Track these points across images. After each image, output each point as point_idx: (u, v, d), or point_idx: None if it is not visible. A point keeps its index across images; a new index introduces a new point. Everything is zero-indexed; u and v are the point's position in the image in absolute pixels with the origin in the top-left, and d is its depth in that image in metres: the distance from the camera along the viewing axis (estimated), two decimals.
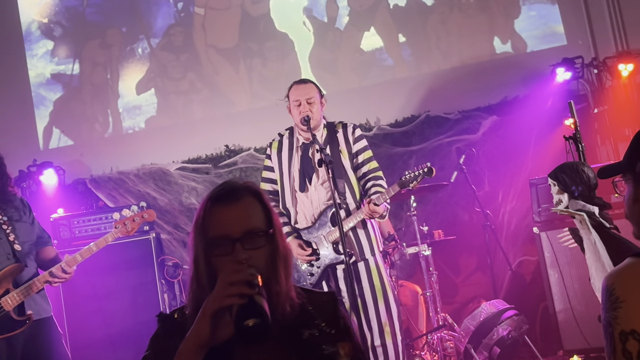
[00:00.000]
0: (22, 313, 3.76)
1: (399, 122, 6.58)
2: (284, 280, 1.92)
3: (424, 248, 5.40)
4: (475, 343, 4.97)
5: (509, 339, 4.93)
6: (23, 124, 7.11)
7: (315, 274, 4.18)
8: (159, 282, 5.64)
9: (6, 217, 3.90)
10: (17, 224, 3.92)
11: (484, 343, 4.96)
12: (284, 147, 4.35)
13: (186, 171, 6.72)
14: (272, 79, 6.84)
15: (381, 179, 4.22)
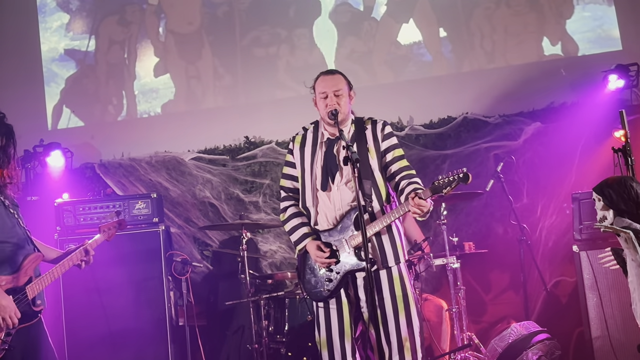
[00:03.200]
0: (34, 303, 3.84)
1: (434, 123, 6.56)
2: None
3: (453, 260, 5.39)
4: None
5: None
6: (32, 100, 7.19)
7: (334, 279, 4.18)
8: (166, 278, 5.68)
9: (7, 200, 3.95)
10: (17, 209, 4.00)
11: None
12: (307, 142, 4.35)
13: (202, 162, 6.75)
14: (300, 69, 6.85)
15: (416, 177, 4.19)
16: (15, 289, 3.74)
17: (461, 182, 3.97)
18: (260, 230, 6.43)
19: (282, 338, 5.55)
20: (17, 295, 3.74)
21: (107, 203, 5.87)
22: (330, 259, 4.17)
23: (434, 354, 5.40)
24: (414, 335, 4.17)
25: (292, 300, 5.61)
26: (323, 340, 4.24)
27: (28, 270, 3.81)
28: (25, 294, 3.78)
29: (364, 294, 4.16)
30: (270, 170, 6.62)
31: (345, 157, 3.89)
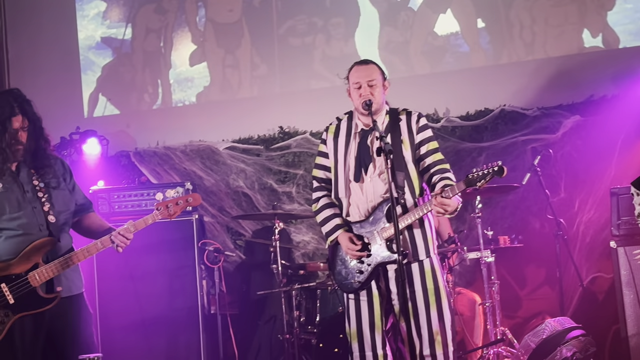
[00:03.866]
0: (51, 290, 3.84)
1: (471, 115, 6.52)
2: None
3: (487, 254, 5.36)
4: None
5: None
6: (68, 88, 7.29)
7: (365, 272, 4.19)
8: (198, 267, 5.75)
9: (43, 183, 3.96)
10: (55, 191, 3.97)
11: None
12: (341, 133, 4.36)
13: (236, 151, 6.80)
14: (335, 59, 6.85)
15: (449, 172, 4.18)
16: (10, 277, 3.76)
17: (496, 175, 3.95)
18: (293, 220, 6.46)
19: (313, 329, 5.58)
20: (13, 283, 3.75)
21: (141, 191, 5.94)
22: (362, 252, 4.18)
23: (466, 348, 5.40)
24: (445, 329, 4.17)
25: (323, 291, 5.64)
26: (353, 332, 4.26)
27: (32, 257, 3.80)
28: (26, 281, 3.77)
29: (395, 287, 4.16)
30: (304, 161, 6.64)
31: (379, 148, 3.90)
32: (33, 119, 3.87)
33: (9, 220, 3.80)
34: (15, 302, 3.74)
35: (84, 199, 4.22)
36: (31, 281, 3.77)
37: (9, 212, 3.80)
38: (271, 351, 6.15)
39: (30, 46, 7.44)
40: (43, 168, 3.95)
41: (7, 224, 3.80)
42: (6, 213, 3.80)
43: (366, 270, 4.20)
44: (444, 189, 3.97)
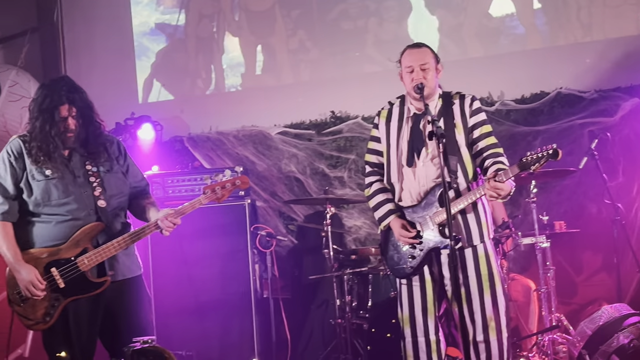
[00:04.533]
0: (103, 273, 3.91)
1: (526, 98, 6.43)
2: None
3: (542, 240, 5.30)
4: (592, 349, 4.86)
5: (630, 348, 4.78)
6: (123, 74, 7.40)
7: (417, 257, 4.18)
8: (251, 251, 5.80)
9: (96, 168, 4.02)
10: (107, 175, 4.01)
11: (601, 350, 4.84)
12: (393, 117, 4.34)
13: (288, 136, 6.82)
14: (388, 42, 6.81)
15: (502, 156, 4.14)
16: (60, 261, 3.83)
17: (551, 159, 3.89)
18: (344, 205, 6.47)
19: (365, 314, 5.60)
20: (64, 267, 3.83)
21: (195, 176, 6.01)
22: (414, 238, 4.17)
23: (520, 335, 5.35)
24: (499, 315, 4.14)
25: (375, 276, 5.65)
26: (405, 317, 4.26)
27: (81, 242, 3.87)
28: (76, 266, 3.84)
29: (448, 272, 4.15)
30: (355, 146, 6.63)
31: (431, 132, 3.87)
32: (81, 107, 3.93)
33: (58, 206, 3.88)
34: (66, 287, 3.83)
35: (139, 181, 4.23)
36: (80, 265, 3.85)
37: (57, 198, 3.88)
38: (323, 336, 6.18)
39: (85, 33, 7.56)
40: (95, 153, 4.01)
41: (57, 210, 3.88)
42: (55, 199, 3.88)
43: (418, 255, 4.19)
44: (497, 172, 3.93)
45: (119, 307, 3.96)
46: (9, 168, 3.87)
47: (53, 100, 3.87)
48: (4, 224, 3.83)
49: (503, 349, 4.12)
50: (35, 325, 3.81)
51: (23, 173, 3.86)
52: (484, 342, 4.10)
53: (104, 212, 3.95)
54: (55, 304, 3.80)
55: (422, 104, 4.11)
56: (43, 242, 3.85)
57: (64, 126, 3.88)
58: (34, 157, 3.87)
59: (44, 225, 3.87)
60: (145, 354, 2.96)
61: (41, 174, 3.87)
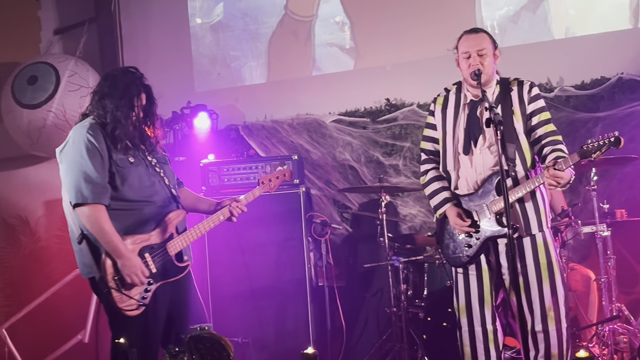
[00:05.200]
0: (180, 259, 4.03)
1: (586, 83, 6.29)
2: None
3: (602, 228, 5.20)
4: None
5: None
6: (179, 63, 7.45)
7: (474, 245, 4.14)
8: (306, 239, 5.81)
9: (155, 159, 4.13)
10: (165, 166, 4.17)
11: None
12: (449, 104, 4.30)
13: (342, 124, 6.80)
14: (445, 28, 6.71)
15: (560, 144, 4.07)
16: (153, 247, 3.92)
17: (612, 147, 3.82)
18: (399, 193, 6.43)
19: (420, 302, 5.58)
20: (156, 252, 3.92)
21: (250, 164, 6.05)
22: (470, 227, 4.13)
23: (579, 325, 5.27)
24: (558, 304, 4.09)
25: (431, 264, 5.62)
26: (462, 307, 4.23)
27: (169, 227, 3.98)
28: (166, 251, 3.95)
29: (506, 261, 4.10)
30: (410, 133, 6.58)
31: (488, 119, 3.82)
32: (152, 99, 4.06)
33: (145, 192, 3.97)
34: (157, 271, 3.92)
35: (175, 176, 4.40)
36: (169, 250, 3.97)
37: (144, 185, 3.97)
38: (378, 324, 6.18)
39: (142, 22, 7.64)
40: (152, 145, 4.11)
41: (144, 196, 3.96)
42: (142, 185, 3.97)
43: (475, 244, 4.15)
44: (556, 160, 3.87)
45: (182, 294, 4.06)
46: (99, 150, 3.85)
47: (135, 88, 3.97)
48: (101, 207, 3.82)
49: (562, 339, 4.07)
50: (133, 310, 3.83)
51: (109, 159, 3.89)
52: (542, 332, 4.06)
53: (177, 200, 4.12)
54: (148, 288, 3.88)
55: (479, 91, 4.06)
56: (133, 229, 3.90)
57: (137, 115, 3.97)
58: (117, 144, 3.91)
59: (132, 211, 3.93)
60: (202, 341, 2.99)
61: (126, 161, 3.93)
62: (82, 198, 3.79)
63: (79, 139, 3.87)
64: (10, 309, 6.97)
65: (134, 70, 4.08)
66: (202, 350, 2.97)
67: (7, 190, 7.48)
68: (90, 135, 3.86)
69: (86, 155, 3.82)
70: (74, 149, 3.87)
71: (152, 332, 3.90)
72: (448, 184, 4.29)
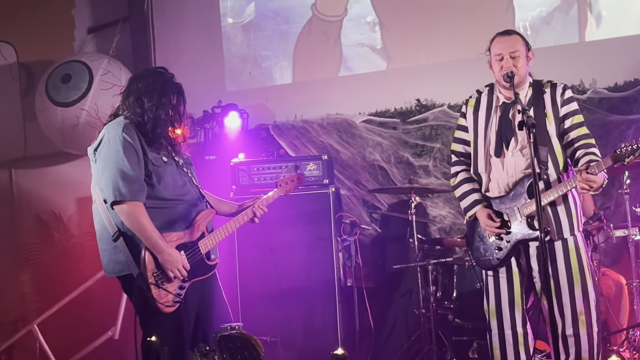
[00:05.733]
0: (208, 258, 4.07)
1: (619, 85, 6.23)
2: None
3: (635, 232, 5.16)
4: None
5: None
6: (211, 62, 7.47)
7: (504, 248, 4.12)
8: (335, 239, 5.82)
9: (182, 160, 4.17)
10: (191, 167, 4.22)
11: None
12: (481, 106, 4.28)
13: (372, 124, 6.79)
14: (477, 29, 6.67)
15: (594, 147, 4.04)
16: (187, 244, 3.96)
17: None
18: (429, 194, 6.42)
19: (450, 304, 5.56)
20: (189, 250, 3.96)
21: (280, 164, 6.07)
22: (501, 229, 4.11)
23: (610, 329, 5.22)
24: (589, 309, 4.05)
25: (460, 266, 5.60)
26: (492, 310, 4.21)
27: (200, 226, 4.03)
28: (198, 249, 3.99)
29: (537, 264, 4.08)
30: (441, 134, 6.56)
31: (521, 121, 3.80)
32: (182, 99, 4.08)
33: (178, 191, 4.02)
34: (191, 268, 3.95)
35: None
36: (201, 249, 4.01)
37: (178, 183, 4.02)
38: (407, 325, 6.17)
39: (174, 22, 7.68)
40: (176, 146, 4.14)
41: (178, 195, 4.01)
42: (176, 184, 4.02)
43: (505, 247, 4.13)
44: (589, 164, 3.84)
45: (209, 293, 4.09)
46: (133, 151, 3.88)
47: (170, 89, 4.02)
48: (140, 204, 3.84)
49: (593, 343, 4.04)
50: (170, 306, 3.85)
51: (144, 157, 3.92)
52: (573, 336, 4.03)
53: (205, 199, 4.14)
54: (183, 285, 3.92)
55: (512, 93, 4.04)
56: (167, 226, 3.93)
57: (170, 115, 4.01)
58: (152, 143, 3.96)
59: (167, 210, 3.97)
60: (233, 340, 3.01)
61: (160, 160, 3.97)
62: (121, 196, 3.81)
63: (115, 138, 3.89)
64: (42, 304, 7.05)
65: (163, 71, 4.11)
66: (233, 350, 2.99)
67: (40, 187, 7.57)
68: (126, 134, 3.88)
69: (122, 153, 3.84)
70: (111, 147, 3.88)
71: (184, 330, 3.92)
72: (479, 186, 4.27)
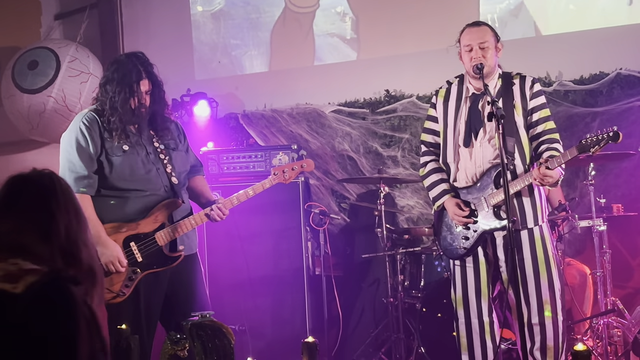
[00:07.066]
0: (174, 249, 4.00)
1: (585, 78, 6.30)
2: None
3: (599, 223, 5.22)
4: None
5: None
6: (180, 50, 7.42)
7: (471, 238, 4.16)
8: (304, 228, 5.82)
9: (163, 145, 4.10)
10: (174, 153, 4.12)
11: None
12: (451, 97, 4.31)
13: (342, 115, 6.79)
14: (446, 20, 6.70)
15: (557, 142, 4.10)
16: (139, 236, 3.91)
17: (611, 141, 3.84)
18: (397, 185, 6.44)
19: (417, 293, 5.59)
20: (142, 242, 3.91)
21: (249, 153, 6.05)
22: (468, 218, 4.14)
23: (574, 318, 5.29)
24: (555, 298, 4.11)
25: (428, 256, 5.63)
26: (459, 298, 4.25)
27: (159, 217, 3.95)
28: (154, 240, 3.93)
29: (504, 254, 4.12)
30: (409, 125, 6.58)
31: (490, 112, 3.83)
32: (157, 83, 4.02)
33: (137, 181, 3.95)
34: (143, 260, 3.91)
35: (195, 160, 4.36)
36: (158, 240, 3.94)
37: (137, 173, 3.95)
38: (375, 313, 6.19)
39: (143, 9, 7.61)
40: (162, 130, 4.09)
41: (136, 185, 3.94)
42: (135, 174, 3.94)
43: (472, 236, 4.17)
44: (547, 159, 3.90)
45: (183, 282, 4.05)
46: (89, 141, 3.87)
47: (135, 74, 3.93)
48: (85, 197, 3.83)
49: (558, 331, 4.10)
50: (113, 298, 3.84)
51: (101, 147, 3.89)
52: (539, 325, 4.08)
53: (177, 188, 4.06)
54: (132, 277, 3.88)
55: (482, 84, 4.07)
56: (122, 217, 3.90)
57: (140, 101, 3.94)
58: (112, 132, 3.91)
59: (122, 200, 3.93)
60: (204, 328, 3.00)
61: (119, 149, 3.92)
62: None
63: (73, 128, 3.92)
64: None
65: (140, 55, 4.05)
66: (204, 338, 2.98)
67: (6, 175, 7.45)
68: (84, 125, 3.89)
69: (75, 145, 3.86)
70: (67, 137, 3.93)
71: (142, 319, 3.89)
72: (447, 177, 4.30)
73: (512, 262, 3.76)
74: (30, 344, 1.82)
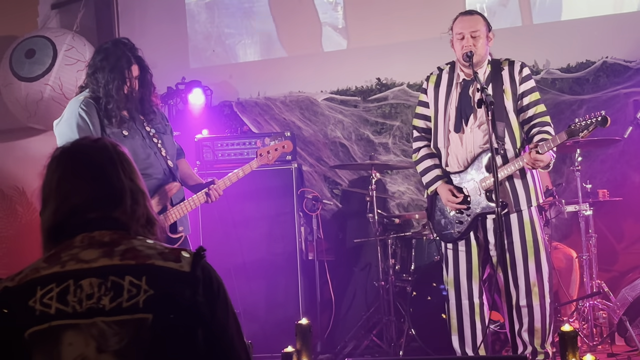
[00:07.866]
0: (174, 231, 4.00)
1: (572, 67, 6.29)
2: None
3: (585, 207, 5.23)
4: (632, 316, 4.82)
5: None
6: (175, 39, 7.37)
7: (465, 222, 4.15)
8: (297, 214, 5.81)
9: (154, 129, 4.07)
10: (164, 136, 4.08)
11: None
12: (442, 83, 4.29)
13: (334, 102, 6.77)
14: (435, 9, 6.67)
15: (548, 125, 4.09)
16: None
17: (599, 126, 3.84)
18: (389, 171, 6.43)
19: (408, 277, 5.59)
20: None
21: (243, 140, 6.02)
22: (462, 204, 4.14)
23: (560, 300, 5.31)
24: (542, 280, 4.12)
25: (418, 240, 5.63)
26: (450, 280, 4.26)
27: (162, 200, 3.94)
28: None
29: (493, 237, 4.11)
30: (400, 112, 6.56)
31: (480, 99, 3.82)
32: (145, 67, 3.97)
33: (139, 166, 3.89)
34: None
35: (177, 144, 4.33)
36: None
37: (139, 158, 3.88)
38: (366, 297, 6.19)
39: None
40: (150, 114, 4.05)
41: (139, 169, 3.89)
42: (137, 158, 3.88)
43: (466, 220, 4.16)
44: (538, 143, 3.89)
45: None
46: (90, 125, 3.81)
47: (125, 60, 3.88)
48: None
49: (545, 313, 4.11)
50: None
51: (102, 133, 3.83)
52: (527, 307, 4.09)
53: (173, 171, 4.05)
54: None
55: (472, 71, 4.05)
56: None
57: (131, 87, 3.90)
58: (111, 118, 3.86)
59: None
60: None
61: (120, 135, 3.87)
62: None
63: (71, 114, 3.85)
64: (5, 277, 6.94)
65: (126, 41, 4.00)
66: None
67: (4, 162, 7.42)
68: (82, 110, 3.83)
69: (76, 129, 3.79)
70: (66, 123, 3.86)
71: None
72: (439, 162, 4.28)
73: (501, 245, 3.75)
74: (212, 323, 1.85)
